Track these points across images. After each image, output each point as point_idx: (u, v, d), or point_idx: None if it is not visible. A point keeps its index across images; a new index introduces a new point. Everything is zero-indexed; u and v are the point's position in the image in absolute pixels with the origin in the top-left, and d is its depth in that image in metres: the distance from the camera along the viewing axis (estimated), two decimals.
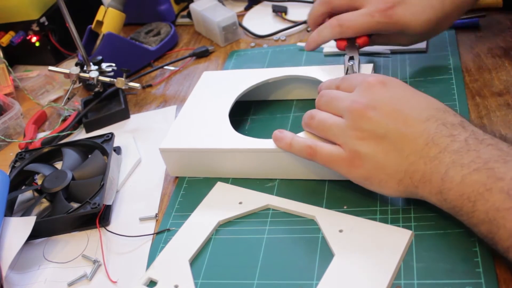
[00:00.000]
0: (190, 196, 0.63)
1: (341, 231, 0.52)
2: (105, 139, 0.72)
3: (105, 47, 0.88)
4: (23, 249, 0.61)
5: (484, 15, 0.78)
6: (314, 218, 0.54)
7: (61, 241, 0.62)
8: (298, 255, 0.52)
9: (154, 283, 0.52)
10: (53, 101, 0.92)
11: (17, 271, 0.59)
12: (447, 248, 0.47)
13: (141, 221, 0.62)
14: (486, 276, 0.44)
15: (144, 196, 0.65)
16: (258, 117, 0.72)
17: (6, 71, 0.96)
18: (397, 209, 0.52)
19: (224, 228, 0.57)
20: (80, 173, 0.67)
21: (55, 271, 0.58)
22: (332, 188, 0.57)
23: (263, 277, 0.50)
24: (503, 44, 0.71)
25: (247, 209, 0.57)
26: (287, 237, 0.54)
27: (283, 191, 0.59)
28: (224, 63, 0.88)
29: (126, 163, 0.71)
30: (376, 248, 0.49)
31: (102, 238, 0.60)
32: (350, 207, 0.55)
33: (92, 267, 0.57)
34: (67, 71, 0.81)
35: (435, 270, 0.46)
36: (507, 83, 0.64)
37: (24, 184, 0.72)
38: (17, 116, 0.85)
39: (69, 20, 0.78)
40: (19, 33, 1.00)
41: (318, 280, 0.48)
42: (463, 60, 0.70)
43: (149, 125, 0.79)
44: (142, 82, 0.90)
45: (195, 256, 0.54)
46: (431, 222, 0.50)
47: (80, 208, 0.61)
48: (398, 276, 0.46)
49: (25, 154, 0.73)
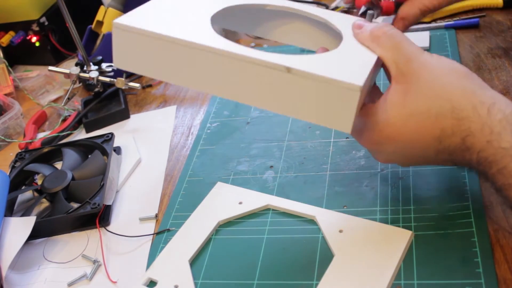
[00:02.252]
0: (190, 196, 0.63)
1: (341, 231, 0.52)
2: (105, 139, 0.72)
3: (105, 47, 0.88)
4: (23, 249, 0.61)
5: (484, 15, 0.78)
6: (314, 218, 0.54)
7: (61, 241, 0.62)
8: (298, 255, 0.52)
9: (154, 283, 0.52)
10: (53, 101, 0.92)
11: (17, 271, 0.59)
12: (447, 248, 0.47)
13: (141, 221, 0.62)
14: (486, 276, 0.44)
15: (144, 196, 0.65)
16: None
17: (6, 71, 0.96)
18: (397, 209, 0.52)
19: (224, 228, 0.57)
20: (80, 173, 0.67)
21: (55, 271, 0.58)
22: (332, 188, 0.57)
23: (263, 277, 0.50)
24: (503, 44, 0.72)
25: (247, 209, 0.57)
26: (287, 237, 0.54)
27: (283, 191, 0.59)
28: None
29: (126, 163, 0.71)
30: (376, 248, 0.49)
31: (102, 238, 0.60)
32: (350, 207, 0.55)
33: (92, 267, 0.57)
34: (67, 71, 0.81)
35: (435, 270, 0.46)
36: (507, 83, 0.64)
37: (24, 184, 0.72)
38: (17, 116, 0.85)
39: (69, 20, 0.78)
40: (19, 33, 1.00)
41: (318, 280, 0.48)
42: (463, 60, 0.70)
43: (149, 125, 0.79)
44: (142, 82, 0.90)
45: (195, 256, 0.54)
46: (431, 222, 0.50)
47: (80, 208, 0.61)
48: (398, 276, 0.46)
49: (25, 154, 0.73)
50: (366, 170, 0.58)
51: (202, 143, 0.71)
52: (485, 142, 0.41)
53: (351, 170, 0.59)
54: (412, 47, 0.46)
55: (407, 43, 0.46)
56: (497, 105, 0.41)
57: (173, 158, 0.71)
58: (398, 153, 0.47)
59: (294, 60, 0.44)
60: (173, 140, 0.74)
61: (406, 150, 0.46)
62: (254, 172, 0.63)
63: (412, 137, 0.44)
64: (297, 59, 0.44)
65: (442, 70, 0.44)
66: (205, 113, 0.77)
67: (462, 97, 0.42)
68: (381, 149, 0.48)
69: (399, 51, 0.46)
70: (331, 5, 0.91)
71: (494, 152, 0.41)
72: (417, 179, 0.55)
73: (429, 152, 0.45)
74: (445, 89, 0.43)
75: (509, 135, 0.40)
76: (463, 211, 0.50)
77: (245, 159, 0.66)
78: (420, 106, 0.44)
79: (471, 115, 0.42)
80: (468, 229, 0.48)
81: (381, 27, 0.48)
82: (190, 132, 0.75)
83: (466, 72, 0.44)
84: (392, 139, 0.46)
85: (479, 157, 0.42)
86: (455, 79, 0.44)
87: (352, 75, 0.43)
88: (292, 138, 0.67)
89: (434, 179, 0.55)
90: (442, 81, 0.44)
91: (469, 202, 0.51)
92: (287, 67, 0.43)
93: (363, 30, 0.49)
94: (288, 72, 0.43)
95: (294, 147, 0.65)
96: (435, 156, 0.45)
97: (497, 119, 0.41)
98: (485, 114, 0.41)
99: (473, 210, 0.50)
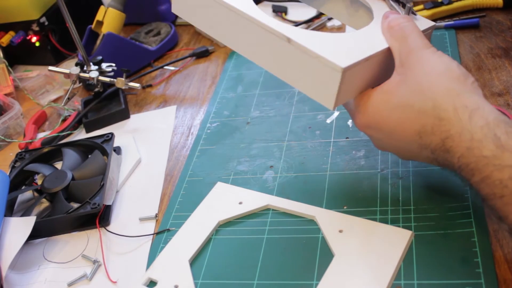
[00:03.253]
0: (190, 196, 0.63)
1: (341, 231, 0.52)
2: (105, 139, 0.72)
3: (105, 47, 0.88)
4: (23, 249, 0.61)
5: (484, 15, 0.78)
6: (314, 218, 0.54)
7: (61, 241, 0.62)
8: (298, 255, 0.52)
9: (154, 283, 0.52)
10: (53, 101, 0.92)
11: (17, 271, 0.59)
12: (447, 248, 0.47)
13: (141, 221, 0.62)
14: (486, 276, 0.44)
15: (144, 196, 0.65)
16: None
17: (6, 71, 0.96)
18: (397, 209, 0.52)
19: (224, 228, 0.57)
20: (80, 173, 0.67)
21: (55, 271, 0.58)
22: (332, 188, 0.57)
23: (263, 277, 0.50)
24: (503, 44, 0.72)
25: (247, 209, 0.57)
26: (287, 237, 0.54)
27: (283, 191, 0.59)
28: (224, 63, 0.88)
29: (126, 163, 0.71)
30: (376, 248, 0.49)
31: (102, 238, 0.60)
32: (350, 207, 0.55)
33: (92, 267, 0.57)
34: (67, 71, 0.81)
35: (435, 270, 0.46)
36: (507, 83, 0.64)
37: (24, 184, 0.72)
38: (17, 116, 0.85)
39: (69, 20, 0.78)
40: (19, 33, 1.00)
41: (318, 280, 0.48)
42: (463, 60, 0.70)
43: (149, 125, 0.79)
44: (142, 82, 0.90)
45: (195, 256, 0.54)
46: (431, 222, 0.50)
47: (80, 208, 0.61)
48: (398, 276, 0.46)
49: (25, 154, 0.73)
50: (366, 170, 0.58)
51: (202, 143, 0.71)
52: (465, 148, 0.41)
53: (351, 170, 0.59)
54: (418, 40, 0.46)
55: (415, 36, 0.47)
56: (480, 111, 0.41)
57: (173, 158, 0.71)
58: (386, 142, 0.49)
59: (299, 33, 0.47)
60: (173, 140, 0.74)
61: (392, 140, 0.47)
62: (254, 172, 0.63)
63: (396, 128, 0.46)
64: (303, 33, 0.48)
65: (436, 68, 0.44)
66: (205, 113, 0.77)
67: (445, 98, 0.42)
68: (372, 134, 0.50)
69: (405, 42, 0.47)
70: None
71: (476, 160, 0.40)
72: (417, 179, 0.55)
73: (413, 146, 0.46)
74: (431, 86, 0.43)
75: (490, 143, 0.39)
76: (463, 211, 0.50)
77: (245, 159, 0.66)
78: (406, 98, 0.45)
79: (452, 117, 0.41)
80: (468, 229, 0.48)
81: (398, 18, 0.49)
82: (190, 132, 0.75)
83: (460, 74, 0.44)
84: (379, 126, 0.47)
85: (460, 162, 0.41)
86: (445, 79, 0.44)
87: (342, 57, 0.45)
88: (292, 138, 0.67)
89: (434, 179, 0.55)
90: (431, 78, 0.44)
91: (469, 202, 0.51)
92: (288, 37, 0.47)
93: (386, 20, 0.50)
94: (288, 42, 0.47)
95: (294, 147, 0.65)
96: (419, 151, 0.45)
97: (478, 125, 0.40)
98: (466, 119, 0.41)
99: (473, 210, 0.50)
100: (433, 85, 0.43)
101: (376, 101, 0.47)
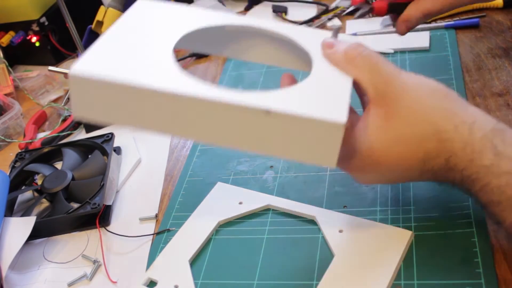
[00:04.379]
0: (190, 196, 0.63)
1: (341, 231, 0.52)
2: (105, 139, 0.72)
3: None
4: (23, 249, 0.61)
5: (484, 15, 0.78)
6: (314, 218, 0.54)
7: (61, 241, 0.62)
8: (298, 255, 0.52)
9: (154, 283, 0.52)
10: (53, 101, 0.92)
11: (17, 271, 0.59)
12: (447, 248, 0.47)
13: (141, 221, 0.62)
14: (486, 276, 0.44)
15: (144, 196, 0.65)
16: None
17: (6, 71, 0.96)
18: (397, 209, 0.52)
19: (224, 228, 0.57)
20: (80, 173, 0.67)
21: (55, 271, 0.58)
22: (332, 188, 0.57)
23: (263, 277, 0.50)
24: (503, 44, 0.72)
25: (247, 209, 0.57)
26: (287, 237, 0.54)
27: (283, 191, 0.59)
28: (224, 63, 0.88)
29: (126, 163, 0.71)
30: (376, 248, 0.49)
31: (102, 238, 0.60)
32: (350, 207, 0.55)
33: (92, 267, 0.57)
34: (67, 71, 0.81)
35: (435, 270, 0.46)
36: (507, 84, 0.64)
37: (24, 184, 0.72)
38: (17, 116, 0.85)
39: (69, 20, 0.78)
40: (19, 33, 1.00)
41: (318, 281, 0.48)
42: (463, 60, 0.70)
43: None
44: None
45: (195, 256, 0.54)
46: (431, 222, 0.50)
47: (80, 208, 0.61)
48: (398, 276, 0.46)
49: (25, 154, 0.73)
50: None
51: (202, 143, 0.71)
52: (467, 161, 0.41)
53: None
54: (390, 67, 0.44)
55: (384, 64, 0.44)
56: (477, 123, 0.41)
57: (173, 158, 0.71)
58: (382, 176, 0.46)
59: (269, 98, 0.41)
60: (173, 140, 0.74)
61: (391, 173, 0.45)
62: (254, 172, 0.63)
63: (398, 161, 0.44)
64: (272, 96, 0.41)
65: (423, 92, 0.43)
66: None
67: (444, 119, 0.42)
68: (365, 174, 0.47)
69: (377, 73, 0.44)
70: (331, 5, 0.91)
71: (477, 170, 0.41)
72: None
73: (414, 173, 0.45)
74: (427, 112, 0.42)
75: (489, 152, 0.40)
76: (463, 211, 0.50)
77: (245, 159, 0.66)
78: (403, 130, 0.43)
79: (454, 136, 0.41)
80: (468, 229, 0.48)
81: (355, 48, 0.45)
82: None
83: (446, 92, 0.44)
84: (377, 165, 0.44)
85: (462, 175, 0.42)
86: (437, 100, 0.43)
87: (333, 110, 0.41)
88: None
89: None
90: (424, 103, 0.43)
91: (469, 202, 0.51)
92: (265, 110, 0.40)
93: (335, 50, 0.46)
94: (267, 115, 0.40)
95: None
96: (419, 176, 0.45)
97: (477, 137, 0.41)
98: (466, 133, 0.41)
99: (473, 210, 0.50)
100: (429, 109, 0.42)
101: (368, 141, 0.44)
